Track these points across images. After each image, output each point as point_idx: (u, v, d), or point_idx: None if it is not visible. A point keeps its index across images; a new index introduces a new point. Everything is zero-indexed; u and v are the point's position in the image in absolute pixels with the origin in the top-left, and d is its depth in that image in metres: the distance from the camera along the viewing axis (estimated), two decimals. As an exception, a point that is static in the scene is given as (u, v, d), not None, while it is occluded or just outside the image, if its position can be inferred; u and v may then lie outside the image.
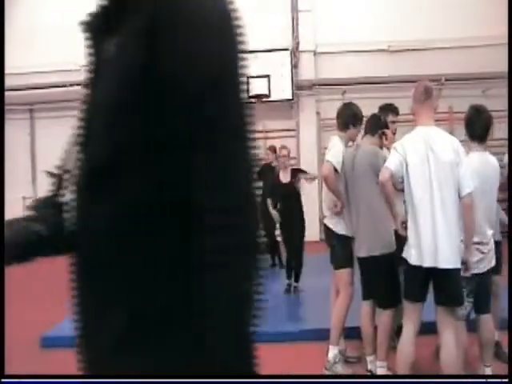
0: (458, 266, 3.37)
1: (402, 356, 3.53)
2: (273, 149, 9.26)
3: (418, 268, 3.40)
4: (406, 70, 12.12)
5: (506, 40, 8.62)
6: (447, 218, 3.36)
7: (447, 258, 3.33)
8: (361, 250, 4.07)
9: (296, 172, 7.35)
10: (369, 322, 4.15)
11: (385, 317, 3.91)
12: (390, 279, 3.83)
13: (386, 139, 4.26)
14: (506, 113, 9.69)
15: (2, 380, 1.19)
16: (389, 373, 3.81)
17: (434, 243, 3.34)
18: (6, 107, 10.73)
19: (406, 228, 3.53)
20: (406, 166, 3.45)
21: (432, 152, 3.41)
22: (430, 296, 3.50)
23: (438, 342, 3.53)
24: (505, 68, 9.76)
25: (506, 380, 3.13)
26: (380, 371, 3.92)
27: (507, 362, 4.10)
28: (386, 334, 3.82)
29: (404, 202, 3.59)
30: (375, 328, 4.12)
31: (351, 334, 4.63)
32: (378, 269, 3.81)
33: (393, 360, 3.79)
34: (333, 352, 4.32)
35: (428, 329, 3.69)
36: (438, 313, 3.45)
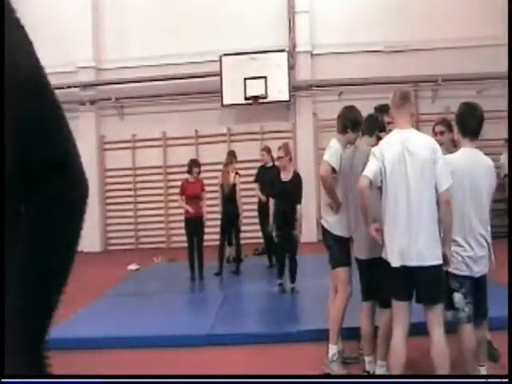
0: (436, 262, 3.43)
1: (394, 356, 3.57)
2: (267, 149, 9.29)
3: (398, 267, 3.46)
4: (402, 71, 12.17)
5: (503, 41, 8.66)
6: (425, 216, 3.44)
7: (425, 256, 3.41)
8: (361, 252, 4.10)
9: None
10: (368, 322, 4.18)
11: (385, 316, 3.94)
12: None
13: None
14: (502, 113, 9.79)
15: (2, 380, 1.20)
16: (388, 373, 3.83)
17: (411, 241, 3.43)
18: None
19: (381, 232, 3.61)
20: (384, 168, 3.54)
21: (408, 151, 3.51)
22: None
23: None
24: (501, 68, 9.83)
25: (506, 380, 3.19)
26: (380, 371, 3.95)
27: (496, 360, 4.14)
28: (386, 334, 3.85)
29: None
30: (375, 328, 4.15)
31: (349, 334, 4.66)
32: (379, 270, 3.83)
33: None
34: (332, 351, 4.36)
35: (422, 330, 3.71)
36: (425, 312, 3.50)
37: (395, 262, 3.49)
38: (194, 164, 8.33)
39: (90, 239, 12.95)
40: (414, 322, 3.64)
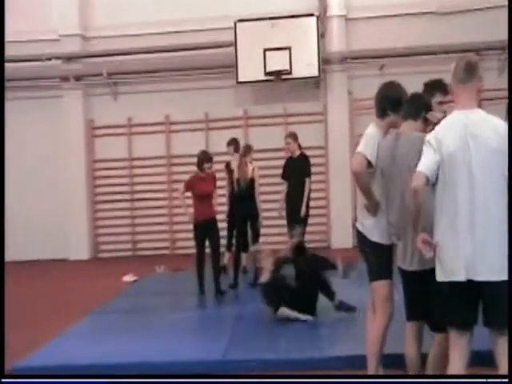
0: (506, 277, 3.34)
1: None
2: (293, 136, 9.30)
3: (459, 284, 3.40)
4: (459, 37, 12.05)
5: None
6: (493, 218, 3.35)
7: (495, 269, 3.32)
8: (410, 263, 4.06)
9: None
10: (413, 347, 4.16)
11: (437, 344, 3.92)
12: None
13: (431, 125, 4.27)
14: None
15: (2, 380, 1.25)
16: None
17: (477, 250, 3.34)
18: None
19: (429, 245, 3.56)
20: (442, 160, 3.47)
21: (473, 138, 3.42)
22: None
23: None
24: None
25: (506, 380, 3.19)
26: None
27: None
28: (437, 367, 3.82)
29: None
30: (423, 355, 4.13)
31: (392, 362, 4.64)
32: (429, 285, 3.80)
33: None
34: (370, 382, 4.36)
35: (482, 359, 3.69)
36: (492, 338, 3.43)
37: (457, 276, 3.40)
38: (204, 158, 8.27)
39: (76, 245, 13.11)
40: (475, 350, 3.61)
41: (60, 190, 13.21)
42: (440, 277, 3.52)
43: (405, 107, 4.29)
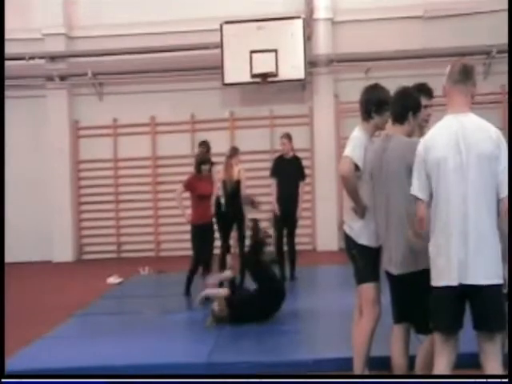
0: (499, 281, 3.38)
1: None
2: (288, 136, 9.30)
3: (448, 289, 3.41)
4: (444, 41, 12.16)
5: None
6: (485, 223, 3.37)
7: (488, 272, 3.34)
8: (392, 265, 4.07)
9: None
10: (400, 350, 4.16)
11: (424, 346, 3.93)
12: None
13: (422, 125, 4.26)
14: None
15: (2, 380, 1.24)
16: None
17: (469, 254, 3.35)
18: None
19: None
20: (432, 167, 3.48)
21: (465, 144, 3.42)
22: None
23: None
24: None
25: (506, 380, 3.21)
26: None
27: None
28: (426, 368, 3.83)
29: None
30: (410, 358, 4.14)
31: (377, 365, 4.65)
32: (418, 287, 3.82)
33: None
34: (357, 383, 4.36)
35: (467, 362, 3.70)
36: (480, 341, 3.44)
37: (450, 281, 3.40)
38: (203, 160, 8.29)
39: (60, 246, 13.03)
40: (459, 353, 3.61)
41: (44, 191, 13.12)
42: (434, 281, 3.51)
43: (391, 109, 4.26)
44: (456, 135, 3.46)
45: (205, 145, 9.44)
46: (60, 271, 12.12)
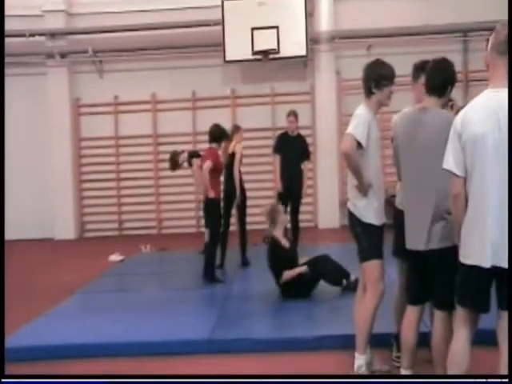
0: None
1: (453, 366, 3.48)
2: (295, 114, 9.24)
3: (479, 269, 3.30)
4: (445, 18, 12.07)
5: None
6: None
7: None
8: (424, 242, 3.93)
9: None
10: (414, 331, 4.13)
11: (442, 321, 3.91)
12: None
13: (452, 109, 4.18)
14: None
15: (2, 380, 1.22)
16: None
17: (503, 238, 3.22)
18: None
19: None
20: (468, 143, 3.31)
21: (505, 122, 3.20)
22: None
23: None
24: None
25: (506, 380, 3.18)
26: None
27: None
28: (445, 343, 3.81)
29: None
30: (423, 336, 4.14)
31: (379, 341, 4.66)
32: (446, 263, 3.78)
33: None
34: (359, 361, 4.36)
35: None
36: (499, 320, 3.36)
37: (482, 261, 3.29)
38: (224, 133, 8.18)
39: (62, 224, 13.04)
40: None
41: (45, 169, 13.10)
42: (465, 259, 3.41)
43: (428, 80, 4.07)
44: (496, 112, 3.25)
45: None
46: (62, 249, 12.13)
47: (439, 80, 4.02)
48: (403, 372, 4.16)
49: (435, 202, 3.85)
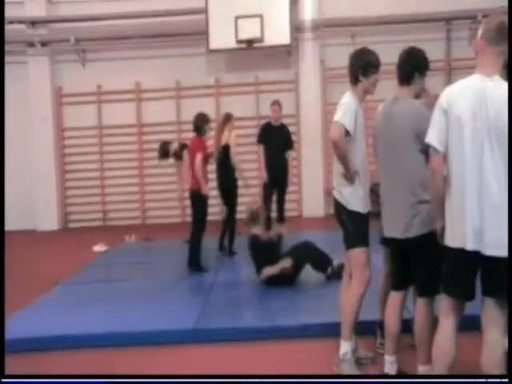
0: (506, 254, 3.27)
1: (439, 354, 3.49)
2: (278, 103, 9.31)
3: (462, 252, 3.35)
4: (429, 7, 12.09)
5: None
6: (502, 192, 3.23)
7: (503, 244, 3.22)
8: (401, 230, 4.00)
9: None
10: (398, 317, 4.18)
11: (425, 307, 3.95)
12: (436, 260, 3.79)
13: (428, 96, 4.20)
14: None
15: (2, 380, 1.22)
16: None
17: (485, 223, 3.26)
18: None
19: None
20: (451, 123, 3.35)
21: (486, 108, 3.26)
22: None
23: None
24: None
25: (506, 380, 3.22)
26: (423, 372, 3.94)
27: None
28: (428, 330, 3.86)
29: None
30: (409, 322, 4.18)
31: (364, 329, 4.69)
32: (425, 249, 3.83)
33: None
34: (344, 348, 4.39)
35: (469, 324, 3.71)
36: (484, 306, 3.41)
37: (466, 244, 3.33)
38: (206, 120, 8.01)
39: (45, 215, 12.97)
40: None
41: (28, 159, 13.00)
42: (450, 242, 3.44)
43: (398, 70, 4.13)
44: (480, 100, 3.29)
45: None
46: (45, 240, 12.07)
47: (406, 68, 4.09)
48: (386, 358, 4.20)
49: (409, 190, 3.93)
